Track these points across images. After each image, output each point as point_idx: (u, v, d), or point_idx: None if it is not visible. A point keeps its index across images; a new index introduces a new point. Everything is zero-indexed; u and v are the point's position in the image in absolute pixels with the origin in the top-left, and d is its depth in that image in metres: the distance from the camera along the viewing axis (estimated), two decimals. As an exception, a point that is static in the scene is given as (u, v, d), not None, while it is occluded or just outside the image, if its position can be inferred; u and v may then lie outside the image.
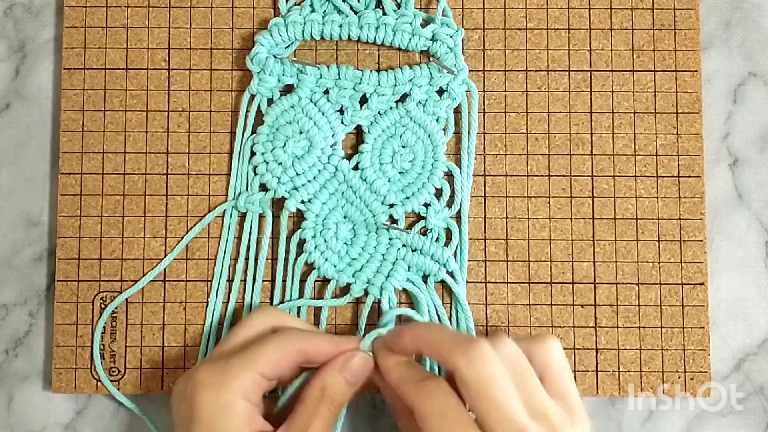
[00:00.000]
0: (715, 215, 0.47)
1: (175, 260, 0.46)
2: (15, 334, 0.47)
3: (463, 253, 0.45)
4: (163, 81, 0.47)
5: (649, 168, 0.46)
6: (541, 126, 0.46)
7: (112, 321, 0.45)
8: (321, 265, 0.45)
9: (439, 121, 0.46)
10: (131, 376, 0.45)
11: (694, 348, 0.45)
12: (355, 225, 0.45)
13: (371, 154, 0.46)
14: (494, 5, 0.47)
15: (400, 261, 0.45)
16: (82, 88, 0.47)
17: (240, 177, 0.46)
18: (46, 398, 0.46)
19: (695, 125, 0.46)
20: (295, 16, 0.46)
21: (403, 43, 0.46)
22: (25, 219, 0.47)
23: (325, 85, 0.46)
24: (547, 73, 0.47)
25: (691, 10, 0.47)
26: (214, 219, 0.46)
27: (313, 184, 0.45)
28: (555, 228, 0.46)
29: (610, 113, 0.46)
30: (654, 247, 0.46)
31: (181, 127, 0.46)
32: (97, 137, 0.46)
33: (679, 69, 0.47)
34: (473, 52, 0.47)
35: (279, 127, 0.46)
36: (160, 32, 0.47)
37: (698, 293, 0.45)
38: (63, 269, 0.46)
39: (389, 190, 0.45)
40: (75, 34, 0.47)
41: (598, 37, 0.47)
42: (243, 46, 0.47)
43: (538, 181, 0.46)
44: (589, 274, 0.46)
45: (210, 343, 0.45)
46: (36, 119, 0.48)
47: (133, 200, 0.46)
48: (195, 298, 0.46)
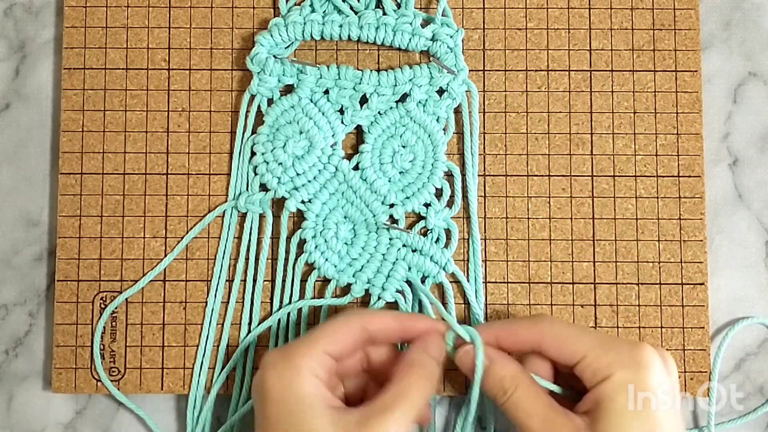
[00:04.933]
0: (715, 215, 0.47)
1: (175, 260, 0.46)
2: (15, 334, 0.47)
3: (476, 254, 0.45)
4: (163, 81, 0.47)
5: (649, 168, 0.46)
6: (541, 126, 0.46)
7: (112, 321, 0.45)
8: (321, 266, 0.45)
9: (440, 121, 0.46)
10: (131, 376, 0.45)
11: (694, 348, 0.45)
12: (356, 225, 0.45)
13: (371, 154, 0.46)
14: (494, 5, 0.47)
15: (400, 261, 0.45)
16: (82, 88, 0.47)
17: (240, 177, 0.46)
18: (46, 398, 0.46)
19: (695, 125, 0.46)
20: (295, 16, 0.46)
21: (403, 43, 0.46)
22: (25, 219, 0.47)
23: (325, 85, 0.46)
24: (547, 73, 0.47)
25: (691, 10, 0.47)
26: (214, 219, 0.46)
27: (314, 184, 0.45)
28: (555, 228, 0.46)
29: (610, 113, 0.46)
30: (654, 247, 0.46)
31: (181, 127, 0.46)
32: (97, 137, 0.46)
33: (679, 69, 0.47)
34: (473, 52, 0.47)
35: (279, 127, 0.46)
36: (160, 32, 0.47)
37: (698, 293, 0.45)
38: (63, 269, 0.46)
39: (389, 190, 0.45)
40: (75, 34, 0.47)
41: (598, 37, 0.47)
42: (243, 46, 0.47)
43: (538, 181, 0.46)
44: (589, 274, 0.46)
45: (209, 343, 0.45)
46: (36, 119, 0.48)
47: (133, 200, 0.46)
48: (195, 298, 0.46)
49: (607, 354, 0.38)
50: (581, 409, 0.38)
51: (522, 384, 0.38)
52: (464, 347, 0.40)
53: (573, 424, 0.37)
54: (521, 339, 0.40)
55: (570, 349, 0.39)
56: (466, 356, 0.40)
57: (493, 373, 0.39)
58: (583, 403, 0.38)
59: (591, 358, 0.38)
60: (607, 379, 0.37)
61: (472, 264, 0.45)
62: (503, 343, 0.40)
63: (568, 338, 0.39)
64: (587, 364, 0.38)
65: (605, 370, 0.38)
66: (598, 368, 0.38)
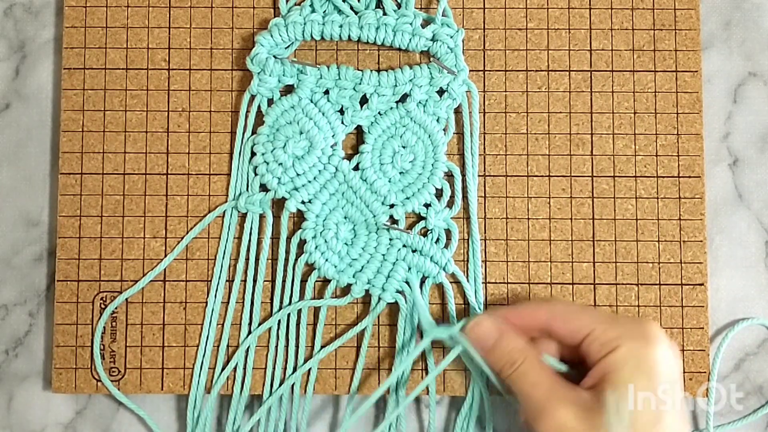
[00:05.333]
0: (715, 215, 0.47)
1: (175, 260, 0.46)
2: (15, 334, 0.47)
3: (476, 255, 0.45)
4: (163, 81, 0.47)
5: (649, 168, 0.46)
6: (541, 126, 0.46)
7: (112, 321, 0.45)
8: (321, 266, 0.45)
9: (440, 121, 0.46)
10: (131, 376, 0.45)
11: (694, 348, 0.45)
12: (356, 225, 0.45)
13: (371, 155, 0.46)
14: (494, 5, 0.47)
15: (401, 261, 0.45)
16: (82, 88, 0.47)
17: (240, 177, 0.46)
18: (46, 398, 0.46)
19: (695, 125, 0.46)
20: (295, 16, 0.46)
21: (403, 43, 0.46)
22: (25, 219, 0.47)
23: (326, 85, 0.46)
24: (547, 73, 0.47)
25: (692, 10, 0.47)
26: (214, 219, 0.46)
27: (314, 184, 0.45)
28: (555, 228, 0.46)
29: (610, 113, 0.46)
30: (654, 248, 0.46)
31: (181, 127, 0.46)
32: (97, 137, 0.46)
33: (679, 69, 0.47)
34: (473, 52, 0.47)
35: (279, 127, 0.46)
36: (160, 32, 0.47)
37: (698, 293, 0.45)
38: (63, 269, 0.46)
39: (389, 191, 0.45)
40: (75, 34, 0.47)
41: (598, 37, 0.47)
42: (243, 46, 0.47)
43: (538, 181, 0.46)
44: (589, 274, 0.46)
45: (209, 343, 0.45)
46: (36, 119, 0.48)
47: (133, 200, 0.46)
48: (195, 298, 0.46)
49: (614, 328, 0.39)
50: (586, 384, 0.39)
51: (530, 356, 0.40)
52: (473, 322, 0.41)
53: (578, 395, 0.38)
54: (529, 318, 0.41)
55: (577, 324, 0.40)
56: (477, 327, 0.41)
57: (503, 345, 0.40)
58: (589, 378, 0.39)
59: (598, 332, 0.39)
60: (614, 351, 0.38)
61: (472, 264, 0.45)
62: (511, 322, 0.41)
63: (574, 314, 0.40)
64: (594, 338, 0.39)
65: (612, 342, 0.38)
66: (605, 341, 0.38)
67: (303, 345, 0.45)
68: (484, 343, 0.41)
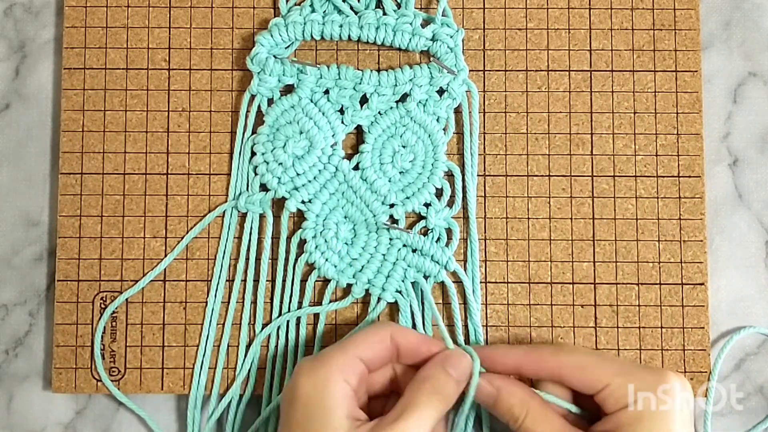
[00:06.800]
0: (715, 215, 0.47)
1: (175, 260, 0.46)
2: (15, 334, 0.47)
3: (474, 254, 0.45)
4: (163, 81, 0.47)
5: (649, 168, 0.46)
6: (541, 126, 0.46)
7: (112, 321, 0.45)
8: (321, 266, 0.45)
9: (440, 121, 0.46)
10: (131, 376, 0.45)
11: (694, 348, 0.45)
12: (356, 225, 0.45)
13: (371, 154, 0.46)
14: (494, 5, 0.47)
15: (401, 261, 0.45)
16: (82, 88, 0.47)
17: (240, 177, 0.46)
18: (46, 398, 0.46)
19: (695, 125, 0.46)
20: (295, 16, 0.46)
21: (403, 43, 0.46)
22: (25, 219, 0.47)
23: (326, 85, 0.46)
24: (547, 73, 0.47)
25: (691, 10, 0.47)
26: (214, 219, 0.46)
27: (314, 184, 0.45)
28: (555, 228, 0.46)
29: (610, 113, 0.46)
30: (654, 247, 0.46)
31: (181, 127, 0.46)
32: (97, 137, 0.46)
33: (679, 69, 0.47)
34: (473, 52, 0.47)
35: (279, 127, 0.46)
36: (160, 32, 0.47)
37: (698, 293, 0.45)
38: (63, 269, 0.46)
39: (390, 190, 0.45)
40: (75, 34, 0.47)
41: (598, 37, 0.47)
42: (243, 46, 0.47)
43: (538, 181, 0.46)
44: (589, 274, 0.46)
45: (210, 343, 0.45)
46: (36, 119, 0.48)
47: (133, 200, 0.46)
48: (195, 298, 0.46)
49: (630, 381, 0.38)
50: (598, 429, 0.39)
51: (532, 409, 0.39)
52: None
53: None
54: (542, 367, 0.40)
55: (592, 377, 0.39)
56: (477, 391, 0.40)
57: (502, 402, 0.40)
58: (602, 424, 0.39)
59: (614, 387, 0.38)
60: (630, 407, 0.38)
61: (470, 264, 0.45)
62: (524, 370, 0.40)
63: (589, 367, 0.39)
64: (609, 393, 0.38)
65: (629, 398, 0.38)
66: (622, 396, 0.38)
67: (303, 345, 0.45)
68: (485, 403, 0.40)
